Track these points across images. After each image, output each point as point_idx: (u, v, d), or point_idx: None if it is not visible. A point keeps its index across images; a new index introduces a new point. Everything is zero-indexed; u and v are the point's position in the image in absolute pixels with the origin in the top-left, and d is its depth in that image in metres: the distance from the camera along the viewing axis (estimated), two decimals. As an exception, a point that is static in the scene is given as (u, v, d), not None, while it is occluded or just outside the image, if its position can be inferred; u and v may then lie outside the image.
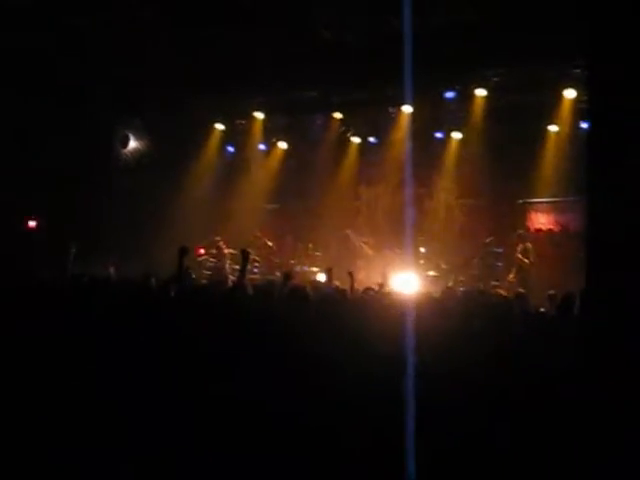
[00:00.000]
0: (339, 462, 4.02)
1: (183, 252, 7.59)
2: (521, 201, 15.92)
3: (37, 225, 15.62)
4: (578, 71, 12.50)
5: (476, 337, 4.91)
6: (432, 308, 6.16)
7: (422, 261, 14.94)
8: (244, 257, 7.78)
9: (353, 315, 5.96)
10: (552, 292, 8.78)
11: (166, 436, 4.33)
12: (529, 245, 14.08)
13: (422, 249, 15.10)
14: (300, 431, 4.20)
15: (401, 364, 4.04)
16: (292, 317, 5.65)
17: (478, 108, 14.47)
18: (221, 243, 16.33)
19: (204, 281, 12.70)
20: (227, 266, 16.05)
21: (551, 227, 15.73)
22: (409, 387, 3.75)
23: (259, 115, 16.58)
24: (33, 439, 4.48)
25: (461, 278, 14.48)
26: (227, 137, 17.72)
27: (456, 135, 15.96)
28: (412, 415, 3.66)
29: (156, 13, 12.23)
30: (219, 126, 17.36)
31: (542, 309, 7.34)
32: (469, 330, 5.09)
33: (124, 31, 12.72)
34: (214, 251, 16.65)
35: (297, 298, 6.23)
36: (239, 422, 4.30)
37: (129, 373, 4.80)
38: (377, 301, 6.92)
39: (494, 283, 13.78)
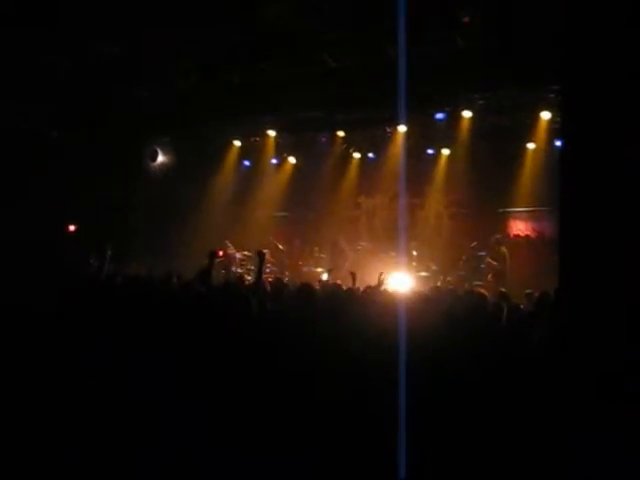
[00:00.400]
0: (336, 456, 3.96)
1: (213, 255, 7.57)
2: (501, 210, 15.89)
3: (76, 229, 15.68)
4: (552, 96, 12.52)
5: (459, 328, 4.90)
6: (423, 303, 6.16)
7: (414, 263, 14.92)
8: (260, 258, 7.67)
9: (356, 308, 5.96)
10: (529, 291, 8.79)
11: (176, 433, 4.24)
12: (503, 249, 14.01)
13: (415, 252, 15.09)
14: (301, 424, 4.14)
15: (395, 346, 4.03)
16: (303, 313, 5.63)
17: (465, 128, 14.45)
18: (228, 244, 16.26)
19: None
20: (234, 267, 15.91)
21: (528, 233, 15.72)
22: (402, 367, 3.73)
23: (271, 133, 16.58)
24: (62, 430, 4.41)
25: (449, 278, 14.47)
26: (243, 153, 17.70)
27: (445, 152, 15.96)
28: (404, 401, 3.65)
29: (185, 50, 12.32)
30: (236, 143, 17.35)
31: (521, 305, 7.35)
32: (453, 321, 5.09)
33: (156, 62, 12.84)
34: (221, 252, 16.57)
35: (305, 293, 6.23)
36: (249, 417, 4.21)
37: (151, 366, 4.75)
38: (376, 297, 6.92)
39: (477, 283, 13.74)
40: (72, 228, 15.69)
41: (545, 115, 13.45)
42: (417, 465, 3.68)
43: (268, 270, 16.20)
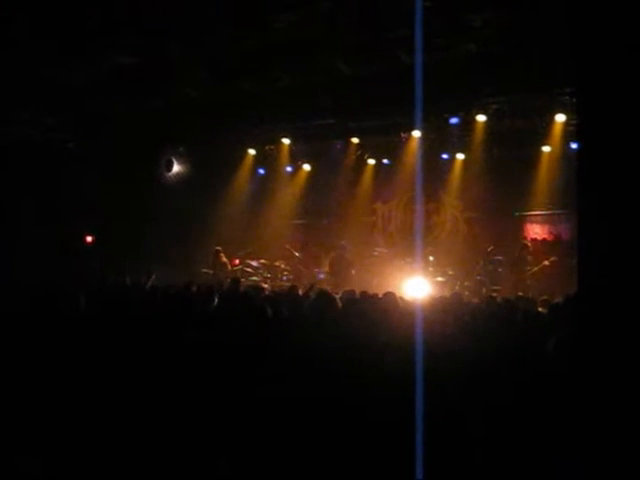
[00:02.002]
0: (350, 459, 3.95)
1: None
2: (518, 214, 15.84)
3: (93, 240, 15.81)
4: (567, 98, 12.49)
5: (482, 333, 4.90)
6: (444, 308, 6.16)
7: (431, 268, 14.89)
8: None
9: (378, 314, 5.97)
10: (545, 297, 8.77)
11: (194, 441, 4.24)
12: (529, 257, 13.89)
13: (431, 257, 15.06)
14: (315, 426, 4.14)
15: (413, 349, 4.03)
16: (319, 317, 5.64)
17: (479, 132, 14.45)
18: (221, 253, 16.24)
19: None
20: (223, 275, 15.75)
21: (545, 237, 15.65)
22: (419, 368, 3.73)
23: (286, 141, 16.62)
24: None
25: (466, 283, 14.42)
26: (258, 161, 17.76)
27: (460, 156, 15.91)
28: (421, 400, 3.64)
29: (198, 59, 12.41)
30: (251, 151, 17.41)
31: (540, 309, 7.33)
32: (476, 327, 5.08)
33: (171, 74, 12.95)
34: (237, 261, 16.54)
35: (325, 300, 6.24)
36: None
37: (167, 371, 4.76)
38: (396, 302, 6.91)
39: (494, 287, 13.70)
40: (90, 239, 15.82)
41: (560, 117, 13.40)
42: (434, 466, 3.67)
43: (285, 278, 16.26)
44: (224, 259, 16.09)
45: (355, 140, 16.34)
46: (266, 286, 14.38)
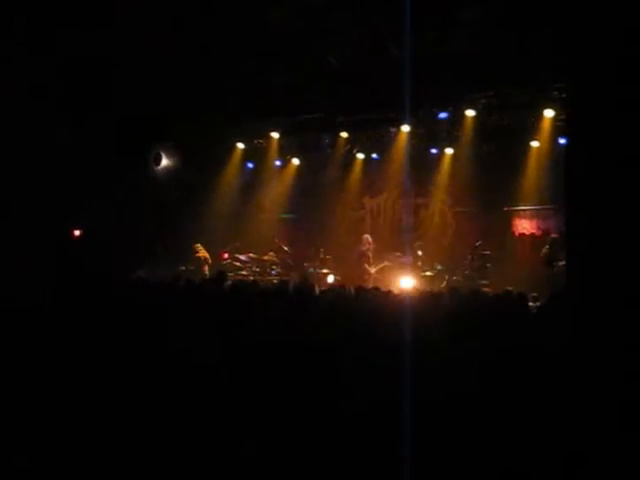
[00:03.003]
0: (338, 460, 3.92)
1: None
2: (506, 209, 15.84)
3: (81, 234, 15.72)
4: (556, 93, 12.53)
5: (473, 329, 4.89)
6: (436, 303, 6.16)
7: (419, 263, 14.90)
8: None
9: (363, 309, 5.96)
10: (534, 294, 8.84)
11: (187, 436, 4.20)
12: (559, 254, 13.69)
13: (419, 252, 15.06)
14: (302, 424, 4.11)
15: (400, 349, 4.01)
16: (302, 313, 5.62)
17: (468, 127, 14.44)
18: (199, 247, 16.20)
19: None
20: (206, 268, 15.82)
21: (533, 232, 15.67)
22: (406, 371, 3.72)
23: (275, 135, 16.57)
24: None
25: (454, 277, 14.44)
26: (247, 155, 17.70)
27: (449, 151, 15.89)
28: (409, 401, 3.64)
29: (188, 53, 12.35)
30: (240, 145, 17.35)
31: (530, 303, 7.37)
32: (466, 322, 5.08)
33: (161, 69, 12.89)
34: (226, 255, 16.52)
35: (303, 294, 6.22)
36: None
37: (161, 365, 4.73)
38: (384, 297, 6.92)
39: (483, 282, 13.71)
40: (77, 233, 15.73)
41: (548, 113, 13.43)
42: (422, 471, 3.67)
43: (274, 272, 16.24)
44: (203, 253, 16.04)
45: (344, 134, 16.30)
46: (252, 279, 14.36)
